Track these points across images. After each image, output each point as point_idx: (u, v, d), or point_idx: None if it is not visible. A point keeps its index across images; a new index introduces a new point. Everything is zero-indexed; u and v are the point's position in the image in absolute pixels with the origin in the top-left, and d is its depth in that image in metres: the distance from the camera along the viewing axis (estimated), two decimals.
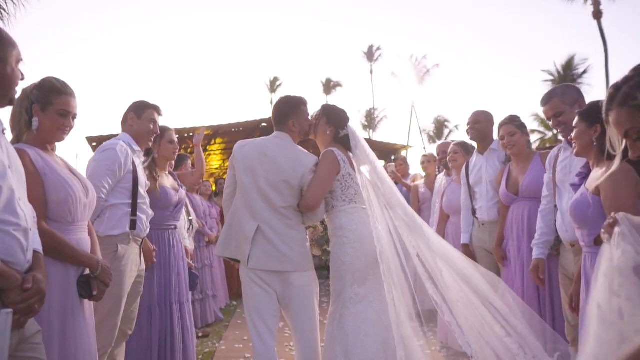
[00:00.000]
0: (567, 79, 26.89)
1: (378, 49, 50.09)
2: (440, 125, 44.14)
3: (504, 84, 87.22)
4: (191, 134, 9.82)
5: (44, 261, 1.62)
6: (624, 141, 1.51)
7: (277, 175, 2.55)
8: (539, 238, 2.68)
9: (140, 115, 2.74)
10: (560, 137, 2.86)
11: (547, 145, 24.07)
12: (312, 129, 2.80)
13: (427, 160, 5.25)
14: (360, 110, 49.26)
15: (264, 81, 54.97)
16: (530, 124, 31.11)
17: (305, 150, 2.69)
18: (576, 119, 2.23)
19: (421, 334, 2.58)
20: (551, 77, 28.12)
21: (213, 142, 12.45)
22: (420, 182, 5.31)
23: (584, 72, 27.54)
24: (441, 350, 3.96)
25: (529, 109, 53.74)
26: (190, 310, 3.21)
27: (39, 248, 1.61)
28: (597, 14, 23.85)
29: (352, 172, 2.69)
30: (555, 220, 2.59)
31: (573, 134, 2.22)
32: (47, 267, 1.72)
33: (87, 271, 1.97)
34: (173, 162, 3.42)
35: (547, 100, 2.66)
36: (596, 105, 2.22)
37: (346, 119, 2.82)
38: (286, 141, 2.64)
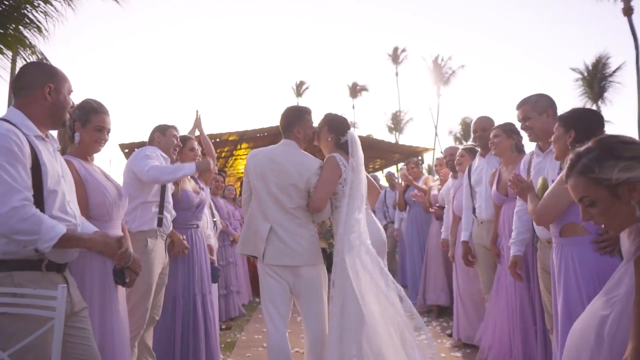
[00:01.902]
0: (596, 77, 26.29)
1: (403, 50, 50.01)
2: (467, 127, 43.70)
3: (533, 83, 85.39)
4: (217, 140, 10.33)
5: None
6: None
7: (286, 179, 2.86)
8: (516, 237, 2.87)
9: (164, 133, 3.21)
10: None
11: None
12: (315, 135, 3.09)
13: (439, 164, 5.45)
14: (386, 113, 49.33)
15: (290, 85, 55.46)
16: None
17: (310, 155, 2.99)
18: (557, 123, 2.43)
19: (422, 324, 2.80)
20: (580, 76, 27.52)
21: (239, 147, 12.90)
22: (434, 185, 5.51)
23: (618, 68, 26.78)
24: (449, 344, 4.18)
25: (560, 109, 52.43)
26: (212, 301, 3.56)
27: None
28: (628, 11, 23.23)
29: (352, 174, 2.96)
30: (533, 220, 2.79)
31: (552, 138, 2.44)
32: (89, 258, 2.12)
33: None
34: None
35: (520, 105, 2.88)
36: (575, 112, 2.43)
37: (346, 127, 3.08)
38: (292, 147, 2.93)
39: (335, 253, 2.96)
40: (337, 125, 3.06)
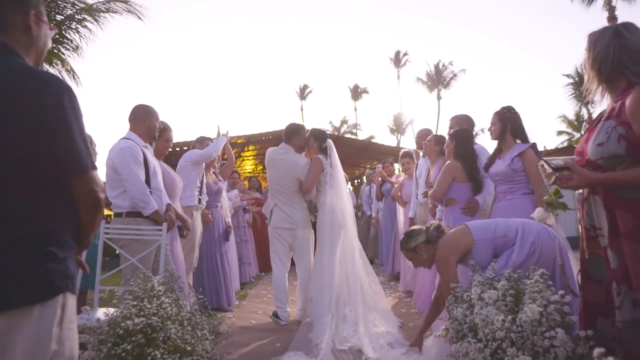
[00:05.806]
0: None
1: (405, 54, 51.11)
2: None
3: (530, 87, 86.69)
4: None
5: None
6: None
7: (284, 172, 4.36)
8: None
9: (202, 143, 4.71)
10: None
11: (575, 145, 24.87)
12: (305, 144, 4.54)
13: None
14: (387, 115, 50.44)
15: (294, 89, 56.87)
16: (558, 125, 31.95)
17: (299, 155, 4.46)
18: (448, 136, 3.89)
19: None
20: (572, 81, 28.84)
21: (246, 149, 14.39)
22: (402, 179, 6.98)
23: None
24: (403, 294, 5.62)
25: (556, 111, 53.80)
26: (229, 258, 5.09)
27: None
28: (612, 20, 24.53)
29: (330, 169, 4.43)
30: None
31: (445, 145, 3.91)
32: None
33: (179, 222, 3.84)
34: (217, 165, 5.26)
35: (451, 119, 4.36)
36: (459, 130, 3.89)
37: (326, 137, 4.54)
38: (288, 150, 4.42)
39: (318, 224, 4.43)
40: (320, 136, 4.54)
